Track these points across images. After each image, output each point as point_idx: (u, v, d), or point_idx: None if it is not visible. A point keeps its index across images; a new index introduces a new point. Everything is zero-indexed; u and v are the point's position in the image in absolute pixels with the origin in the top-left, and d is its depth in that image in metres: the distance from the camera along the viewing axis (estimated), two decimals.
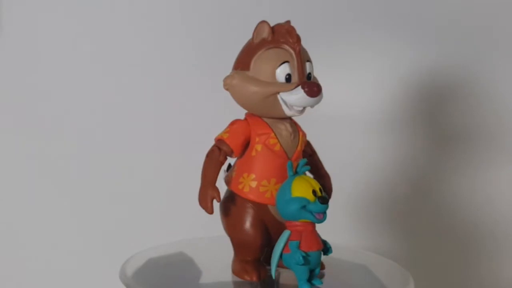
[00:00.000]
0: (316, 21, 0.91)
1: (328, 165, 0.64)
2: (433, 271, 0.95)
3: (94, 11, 0.94)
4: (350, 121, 0.93)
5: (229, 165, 0.62)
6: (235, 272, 0.59)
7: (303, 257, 0.54)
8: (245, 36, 0.61)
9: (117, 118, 0.95)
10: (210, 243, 0.71)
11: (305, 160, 0.57)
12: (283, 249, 0.55)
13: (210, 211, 0.56)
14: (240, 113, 0.61)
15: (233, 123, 0.59)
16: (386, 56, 0.94)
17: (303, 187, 0.54)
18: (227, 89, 0.59)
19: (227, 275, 0.61)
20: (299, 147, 0.59)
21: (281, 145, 0.58)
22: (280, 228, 0.57)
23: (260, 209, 0.58)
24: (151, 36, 0.95)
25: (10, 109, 0.94)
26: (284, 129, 0.59)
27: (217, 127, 0.61)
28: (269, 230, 0.58)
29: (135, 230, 0.94)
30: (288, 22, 0.59)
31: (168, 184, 0.94)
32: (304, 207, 0.54)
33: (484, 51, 0.93)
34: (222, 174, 0.60)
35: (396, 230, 0.95)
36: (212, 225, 0.63)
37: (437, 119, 0.94)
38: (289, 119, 0.59)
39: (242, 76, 0.57)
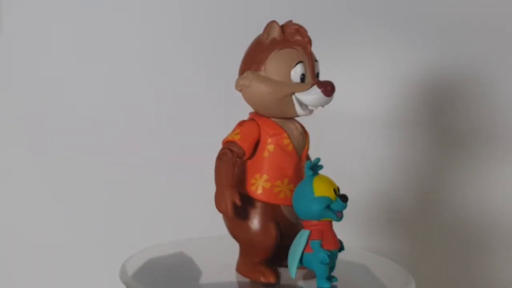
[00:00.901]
0: (316, 21, 0.91)
1: (329, 165, 0.64)
2: (434, 272, 0.95)
3: (94, 10, 0.94)
4: (351, 121, 0.93)
5: None
6: (245, 273, 0.59)
7: (328, 255, 0.54)
8: (245, 35, 0.61)
9: (118, 118, 0.95)
10: (210, 243, 0.70)
11: (319, 158, 0.57)
12: (304, 248, 0.55)
13: (231, 214, 0.55)
14: (239, 112, 0.60)
15: (242, 124, 0.59)
16: (388, 56, 0.94)
17: (325, 187, 0.55)
18: (240, 90, 0.58)
19: (227, 275, 0.61)
20: (306, 147, 0.60)
21: (293, 145, 0.58)
22: (292, 228, 0.58)
23: (274, 209, 0.58)
24: (151, 36, 0.95)
25: (9, 109, 0.94)
26: (294, 129, 0.59)
27: (217, 127, 0.60)
28: (281, 230, 0.58)
29: (135, 230, 0.94)
30: (290, 21, 0.59)
31: (168, 184, 0.94)
32: (328, 206, 0.54)
33: (489, 50, 0.93)
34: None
35: (397, 230, 0.95)
36: (212, 225, 0.63)
37: (439, 119, 0.94)
38: (294, 119, 0.60)
39: (257, 77, 0.57)
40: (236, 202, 0.55)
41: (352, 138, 0.94)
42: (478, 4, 0.93)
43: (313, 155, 0.61)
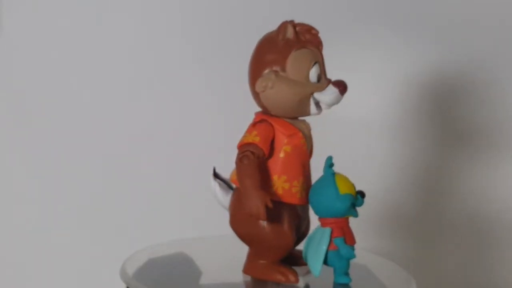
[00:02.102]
0: (316, 21, 0.91)
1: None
2: (435, 272, 0.95)
3: (94, 10, 0.94)
4: (350, 121, 0.93)
5: (214, 170, 0.62)
6: (259, 275, 0.59)
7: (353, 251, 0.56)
8: (245, 35, 0.61)
9: (118, 118, 0.95)
10: (210, 243, 0.71)
11: (331, 157, 0.57)
12: (328, 246, 0.55)
13: (264, 216, 0.54)
14: (239, 112, 0.60)
15: (257, 126, 0.58)
16: (388, 56, 0.94)
17: (347, 184, 0.56)
18: (262, 91, 0.58)
19: (228, 275, 0.61)
20: (312, 145, 0.60)
21: (307, 144, 0.59)
22: (301, 226, 0.59)
23: (291, 209, 0.58)
24: (151, 36, 0.95)
25: (9, 109, 0.94)
26: (305, 128, 0.59)
27: (218, 127, 0.60)
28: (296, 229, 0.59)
29: (135, 230, 0.94)
30: (292, 21, 0.59)
31: (168, 183, 0.94)
32: (352, 203, 0.55)
33: (489, 50, 0.93)
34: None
35: (397, 230, 0.95)
36: (212, 225, 0.63)
37: (439, 119, 0.94)
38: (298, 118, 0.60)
39: (279, 77, 0.57)
40: (268, 205, 0.54)
41: (352, 139, 0.94)
42: (478, 4, 0.93)
43: (314, 155, 0.61)
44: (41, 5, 0.93)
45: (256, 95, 0.58)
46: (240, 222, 0.58)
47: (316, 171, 0.60)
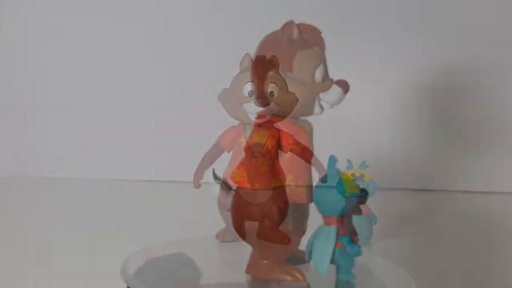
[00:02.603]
0: (316, 22, 0.91)
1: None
2: (435, 273, 0.95)
3: (94, 10, 0.94)
4: (352, 121, 0.93)
5: (213, 171, 0.62)
6: (266, 274, 0.58)
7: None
8: (245, 35, 0.61)
9: (117, 117, 0.95)
10: (210, 243, 0.70)
11: (334, 155, 0.57)
12: (335, 245, 0.56)
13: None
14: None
15: (263, 126, 0.58)
16: (389, 56, 0.94)
17: (352, 183, 0.56)
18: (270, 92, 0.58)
19: (228, 275, 0.61)
20: (312, 145, 0.61)
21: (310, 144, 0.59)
22: (303, 226, 0.59)
23: (296, 209, 0.58)
24: (152, 35, 0.95)
25: (10, 106, 0.94)
26: (307, 127, 0.60)
27: (218, 126, 0.60)
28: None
29: (135, 230, 0.94)
30: (292, 22, 0.59)
31: (168, 183, 0.94)
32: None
33: (489, 50, 0.93)
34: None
35: (398, 230, 0.95)
36: (212, 225, 0.63)
37: (440, 119, 0.94)
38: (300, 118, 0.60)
39: (287, 78, 0.56)
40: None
41: (352, 139, 0.94)
42: (478, 5, 0.93)
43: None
44: (41, 5, 0.93)
45: None
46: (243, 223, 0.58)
47: (316, 171, 0.60)
